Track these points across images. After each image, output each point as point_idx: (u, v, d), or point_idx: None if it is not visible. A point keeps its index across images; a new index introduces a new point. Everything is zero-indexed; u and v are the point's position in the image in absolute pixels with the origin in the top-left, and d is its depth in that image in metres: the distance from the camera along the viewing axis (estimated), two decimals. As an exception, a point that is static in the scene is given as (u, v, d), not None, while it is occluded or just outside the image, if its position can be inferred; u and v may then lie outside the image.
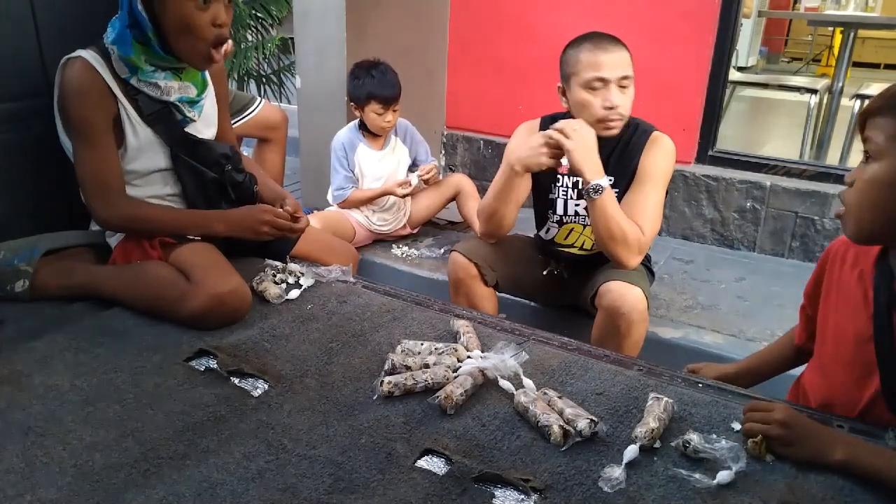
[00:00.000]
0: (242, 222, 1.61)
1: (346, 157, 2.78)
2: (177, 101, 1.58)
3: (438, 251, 2.86)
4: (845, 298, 1.23)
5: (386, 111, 2.68)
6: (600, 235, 1.79)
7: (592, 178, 1.72)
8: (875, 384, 1.16)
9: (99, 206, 1.56)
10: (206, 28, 1.49)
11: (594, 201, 1.74)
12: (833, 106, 3.74)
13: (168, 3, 1.46)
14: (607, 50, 1.79)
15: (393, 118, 2.73)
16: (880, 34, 7.06)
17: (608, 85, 1.78)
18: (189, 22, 1.47)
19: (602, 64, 1.78)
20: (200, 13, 1.47)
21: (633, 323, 1.77)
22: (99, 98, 1.50)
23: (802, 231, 2.87)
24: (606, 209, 1.75)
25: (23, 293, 1.56)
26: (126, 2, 1.47)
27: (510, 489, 1.03)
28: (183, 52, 1.53)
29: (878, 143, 1.05)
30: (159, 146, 1.60)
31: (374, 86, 2.64)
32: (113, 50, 1.50)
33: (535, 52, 3.26)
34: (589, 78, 1.79)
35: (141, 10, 1.47)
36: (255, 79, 4.10)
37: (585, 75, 1.79)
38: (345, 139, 2.79)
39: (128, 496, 0.99)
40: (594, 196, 1.73)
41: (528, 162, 1.80)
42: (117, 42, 1.49)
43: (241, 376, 1.30)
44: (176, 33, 1.49)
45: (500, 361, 1.28)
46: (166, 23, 1.48)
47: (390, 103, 2.68)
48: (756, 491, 1.03)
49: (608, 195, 1.75)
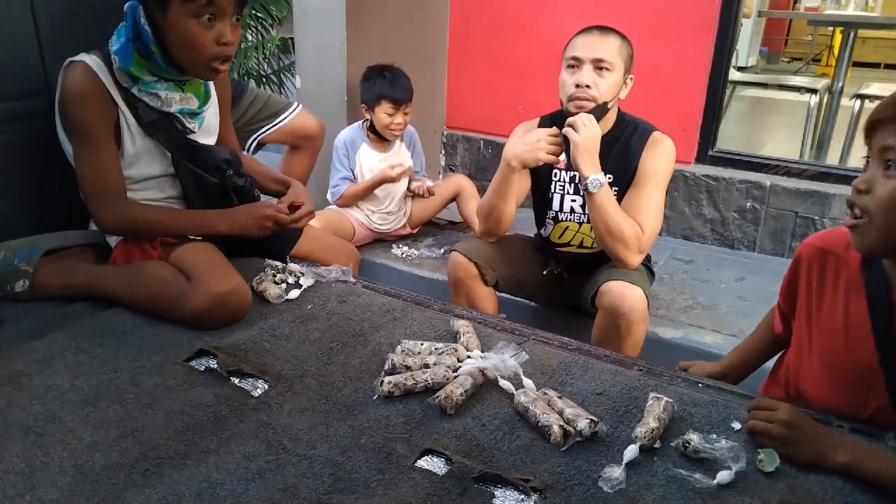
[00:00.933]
0: (245, 220, 1.61)
1: (347, 156, 2.78)
2: (177, 112, 1.57)
3: (438, 251, 2.86)
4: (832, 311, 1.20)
5: (396, 112, 2.68)
6: (599, 231, 1.81)
7: (589, 174, 1.75)
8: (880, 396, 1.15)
9: (99, 209, 1.56)
10: (210, 46, 1.47)
11: (592, 196, 1.76)
12: (833, 106, 3.74)
13: (171, 19, 1.44)
14: (591, 34, 1.85)
15: (403, 121, 2.73)
16: (880, 34, 7.06)
17: (581, 65, 1.81)
18: (192, 40, 1.45)
19: (580, 45, 1.84)
20: (204, 31, 1.45)
21: (634, 323, 1.78)
22: (100, 103, 1.50)
23: (802, 231, 2.86)
24: (605, 204, 1.77)
25: (23, 293, 1.56)
26: (130, 14, 1.47)
27: (510, 489, 1.03)
28: (186, 66, 1.52)
29: None
30: (156, 154, 1.60)
31: (385, 86, 2.65)
32: (115, 59, 1.50)
33: (535, 51, 3.26)
34: (567, 57, 1.85)
35: (144, 24, 1.46)
36: (255, 79, 4.11)
37: (566, 55, 1.86)
38: (347, 138, 2.79)
39: (128, 496, 0.99)
40: (592, 190, 1.75)
41: (525, 157, 1.82)
42: (119, 53, 1.49)
43: (241, 376, 1.30)
44: (178, 48, 1.47)
45: (500, 361, 1.28)
46: (169, 37, 1.46)
47: (401, 104, 2.68)
48: (756, 491, 1.03)
49: (606, 191, 1.78)
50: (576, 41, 1.86)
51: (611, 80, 1.82)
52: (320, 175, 2.93)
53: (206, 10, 1.43)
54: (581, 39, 1.85)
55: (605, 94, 1.82)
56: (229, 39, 1.48)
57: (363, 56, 2.93)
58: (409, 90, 2.70)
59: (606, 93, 1.82)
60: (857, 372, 1.18)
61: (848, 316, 1.18)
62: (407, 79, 2.71)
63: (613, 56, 1.82)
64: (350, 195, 2.79)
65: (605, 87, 1.82)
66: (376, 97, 2.67)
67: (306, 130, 2.67)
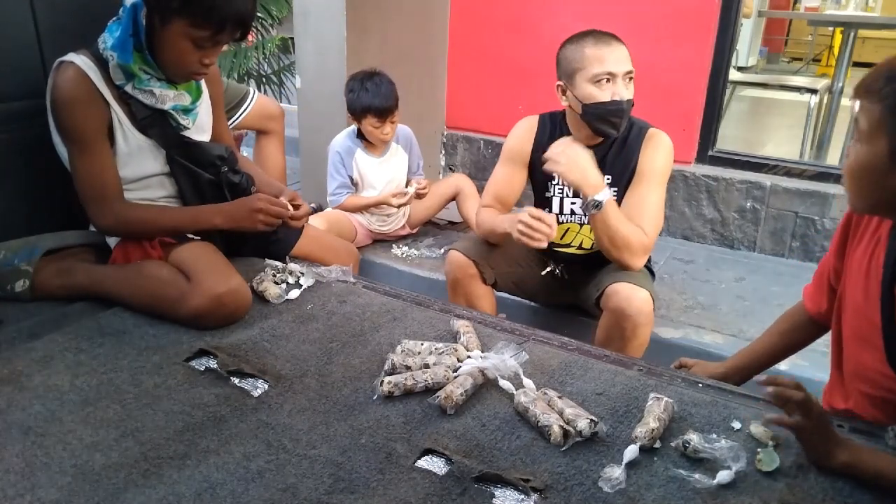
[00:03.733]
0: (238, 212, 1.61)
1: (343, 164, 2.76)
2: (171, 109, 1.58)
3: (438, 251, 2.86)
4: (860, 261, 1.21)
5: (383, 124, 2.64)
6: (604, 246, 1.81)
7: (591, 193, 1.74)
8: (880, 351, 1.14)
9: (96, 211, 1.56)
10: (193, 64, 1.52)
11: (595, 216, 1.75)
12: (833, 106, 3.74)
13: (169, 31, 1.46)
14: (611, 45, 1.81)
15: (391, 129, 2.69)
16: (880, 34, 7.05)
17: (615, 79, 1.79)
18: (179, 55, 1.50)
19: (609, 59, 1.79)
20: (194, 52, 1.49)
21: (639, 326, 1.77)
22: (91, 106, 1.50)
23: (802, 231, 2.86)
24: (608, 220, 1.76)
25: (23, 293, 1.56)
26: (130, 10, 1.47)
27: (510, 489, 1.03)
28: (162, 67, 1.53)
29: (863, 128, 1.04)
30: (150, 152, 1.60)
31: (368, 98, 2.59)
32: (112, 56, 1.49)
33: (535, 51, 3.26)
34: (597, 72, 1.79)
35: (142, 20, 1.47)
36: (255, 79, 4.11)
37: (593, 70, 1.79)
38: (341, 147, 2.76)
39: (128, 496, 0.99)
40: (594, 211, 1.74)
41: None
42: (118, 49, 1.49)
43: (241, 376, 1.30)
44: (163, 53, 1.50)
45: (500, 361, 1.28)
46: (159, 42, 1.49)
47: (386, 116, 2.63)
48: (756, 491, 1.03)
49: (609, 206, 1.76)
50: (599, 53, 1.79)
51: (632, 88, 1.84)
52: (321, 175, 2.93)
53: (205, 41, 1.48)
54: (604, 51, 1.79)
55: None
56: (212, 61, 1.55)
57: (363, 56, 2.92)
58: (394, 98, 2.63)
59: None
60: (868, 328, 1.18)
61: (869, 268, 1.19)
62: (391, 86, 2.64)
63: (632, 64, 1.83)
64: (350, 206, 2.78)
65: (630, 96, 1.83)
66: (361, 110, 2.62)
67: (270, 111, 2.75)
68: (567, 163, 1.76)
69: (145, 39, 1.49)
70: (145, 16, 1.46)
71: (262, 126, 2.76)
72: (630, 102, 1.82)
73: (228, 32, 1.48)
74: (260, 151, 2.81)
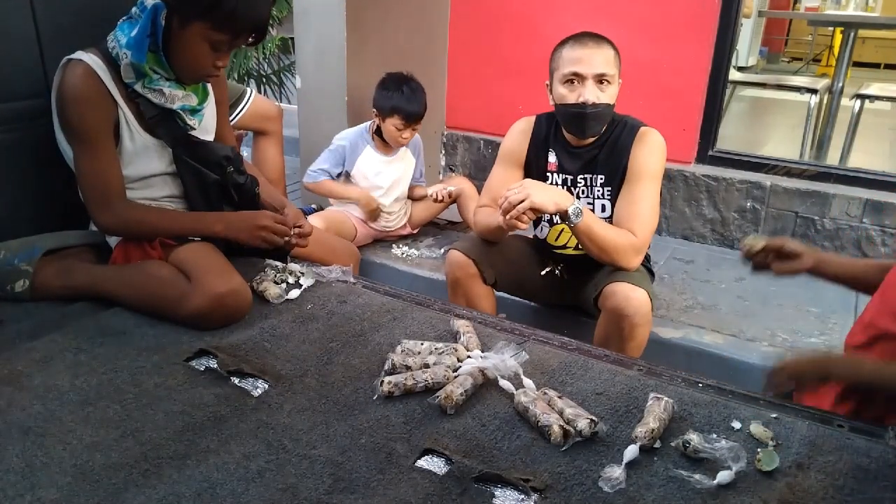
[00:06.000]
0: (240, 225, 1.61)
1: (343, 157, 2.77)
2: (179, 109, 1.58)
3: (438, 251, 2.86)
4: None
5: (406, 128, 2.67)
6: (594, 254, 1.83)
7: (567, 204, 1.73)
8: None
9: (98, 210, 1.56)
10: (208, 67, 1.54)
11: (577, 227, 1.76)
12: (833, 106, 3.74)
13: (187, 33, 1.47)
14: (586, 46, 1.81)
15: (410, 136, 2.73)
16: (880, 34, 7.06)
17: (584, 81, 1.80)
18: (195, 57, 1.52)
19: (579, 60, 1.80)
20: (209, 54, 1.51)
21: (637, 326, 1.77)
22: (100, 104, 1.50)
23: (802, 231, 2.86)
24: (590, 229, 1.77)
25: (23, 293, 1.56)
26: (151, 10, 1.48)
27: (510, 489, 1.03)
28: (175, 67, 1.55)
29: None
30: (155, 151, 1.60)
31: (401, 100, 2.63)
32: (126, 54, 1.49)
33: (535, 51, 3.25)
34: (565, 73, 1.82)
35: (161, 21, 1.49)
36: (255, 79, 4.11)
37: (564, 70, 1.83)
38: (350, 140, 2.77)
39: (128, 496, 0.99)
40: (576, 221, 1.74)
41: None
42: (133, 47, 1.49)
43: (241, 376, 1.30)
44: (178, 54, 1.52)
45: (500, 361, 1.28)
46: (175, 43, 1.51)
47: (412, 121, 2.67)
48: (756, 491, 1.03)
49: (587, 216, 1.76)
50: (573, 54, 1.81)
51: (611, 92, 1.84)
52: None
53: (222, 45, 1.50)
54: (578, 52, 1.81)
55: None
56: (225, 64, 1.57)
57: (363, 56, 2.93)
58: (424, 107, 2.68)
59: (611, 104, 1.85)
60: None
61: None
62: (424, 95, 2.69)
63: (612, 68, 1.82)
64: (323, 189, 2.79)
65: (606, 99, 1.83)
66: (390, 109, 2.65)
67: (266, 111, 2.74)
68: (531, 190, 1.71)
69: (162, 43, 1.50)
70: (164, 17, 1.48)
71: (259, 126, 2.76)
72: (600, 106, 1.81)
73: (246, 36, 1.51)
74: (258, 152, 2.82)
